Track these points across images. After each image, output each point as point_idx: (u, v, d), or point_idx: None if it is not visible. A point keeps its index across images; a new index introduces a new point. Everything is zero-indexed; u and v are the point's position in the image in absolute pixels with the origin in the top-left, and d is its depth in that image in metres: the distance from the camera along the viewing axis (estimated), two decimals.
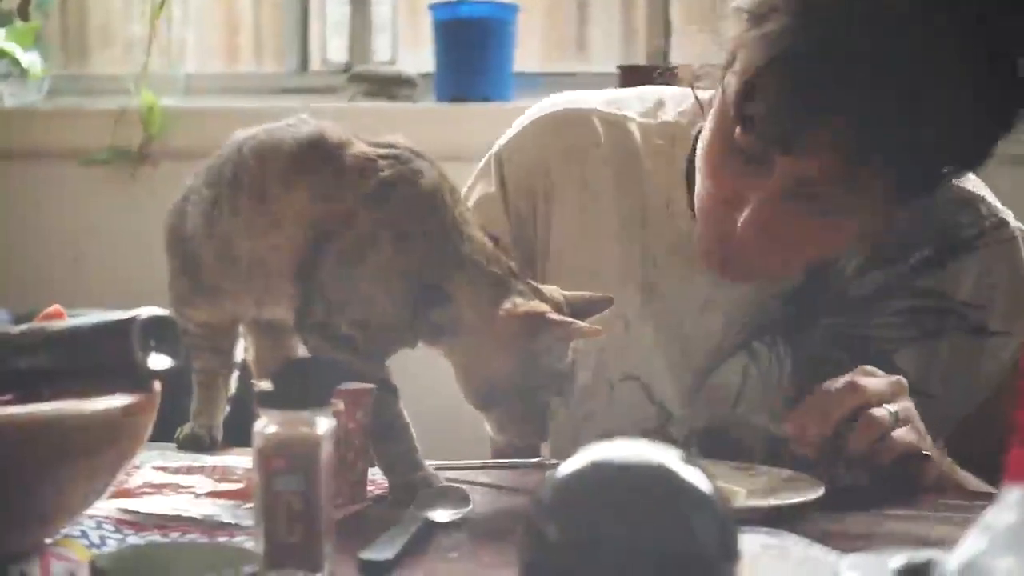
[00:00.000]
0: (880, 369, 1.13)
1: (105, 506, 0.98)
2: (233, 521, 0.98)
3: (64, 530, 0.90)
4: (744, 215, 1.15)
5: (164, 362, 0.88)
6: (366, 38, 2.77)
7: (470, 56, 2.55)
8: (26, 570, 0.82)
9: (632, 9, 2.73)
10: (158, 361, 0.88)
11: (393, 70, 2.67)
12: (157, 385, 0.89)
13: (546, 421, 1.09)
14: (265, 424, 0.82)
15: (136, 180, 2.61)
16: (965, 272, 1.28)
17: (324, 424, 0.82)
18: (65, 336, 0.89)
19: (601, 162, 1.35)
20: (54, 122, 2.68)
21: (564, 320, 1.05)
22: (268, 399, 0.83)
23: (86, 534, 0.92)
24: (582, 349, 1.11)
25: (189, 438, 1.23)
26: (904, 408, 1.11)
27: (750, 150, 1.12)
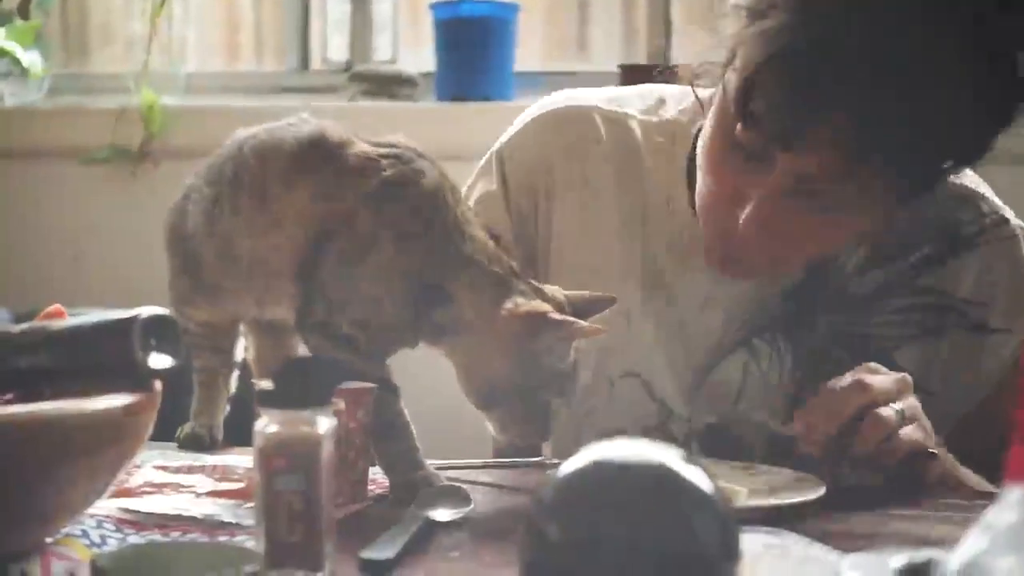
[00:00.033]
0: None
1: (106, 505, 0.98)
2: (234, 520, 0.98)
3: (65, 529, 0.90)
4: (745, 212, 1.14)
5: (165, 361, 0.88)
6: (367, 37, 2.77)
7: (471, 55, 2.55)
8: (27, 569, 0.82)
9: (633, 8, 2.73)
10: (159, 360, 0.88)
11: (394, 69, 2.67)
12: (158, 384, 0.89)
13: (548, 421, 1.09)
14: (266, 423, 0.82)
15: (136, 179, 2.61)
16: (966, 270, 1.28)
17: (325, 423, 0.82)
18: (66, 335, 0.89)
19: (602, 159, 1.35)
20: (54, 121, 2.67)
21: (566, 320, 1.05)
22: (269, 398, 0.83)
23: (87, 533, 0.92)
24: (583, 347, 1.11)
25: (190, 437, 1.23)
26: (910, 406, 1.10)
27: (750, 147, 1.12)
